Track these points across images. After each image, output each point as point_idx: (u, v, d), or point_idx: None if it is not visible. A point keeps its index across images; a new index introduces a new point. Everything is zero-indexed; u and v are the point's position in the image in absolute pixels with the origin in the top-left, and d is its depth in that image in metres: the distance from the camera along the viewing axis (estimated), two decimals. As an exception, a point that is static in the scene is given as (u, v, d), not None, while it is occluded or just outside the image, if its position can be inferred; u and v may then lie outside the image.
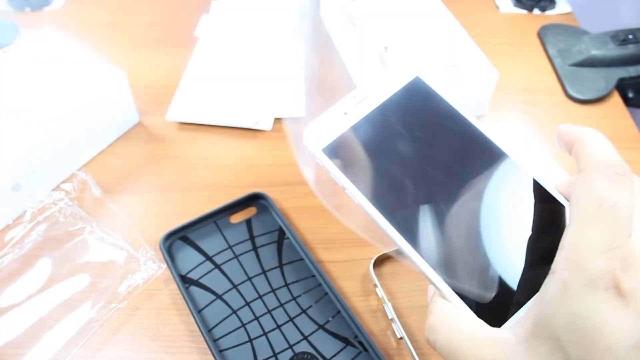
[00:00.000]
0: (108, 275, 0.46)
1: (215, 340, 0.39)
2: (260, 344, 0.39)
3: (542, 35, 0.72)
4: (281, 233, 0.46)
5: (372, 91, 0.30)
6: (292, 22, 0.71)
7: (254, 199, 0.49)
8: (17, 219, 0.50)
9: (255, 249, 0.45)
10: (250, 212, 0.48)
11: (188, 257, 0.44)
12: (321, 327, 0.40)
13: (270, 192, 0.54)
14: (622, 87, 0.65)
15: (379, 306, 0.45)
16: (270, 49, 0.67)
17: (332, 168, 0.28)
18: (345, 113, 0.29)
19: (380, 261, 0.48)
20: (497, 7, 0.78)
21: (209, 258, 0.44)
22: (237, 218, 0.48)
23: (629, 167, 0.23)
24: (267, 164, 0.57)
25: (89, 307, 0.44)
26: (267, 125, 0.59)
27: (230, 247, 0.45)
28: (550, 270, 0.21)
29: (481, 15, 0.77)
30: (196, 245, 0.45)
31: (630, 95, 0.65)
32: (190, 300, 0.41)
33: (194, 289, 0.42)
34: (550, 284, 0.21)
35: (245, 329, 0.40)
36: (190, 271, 0.43)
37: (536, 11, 0.77)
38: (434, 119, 0.29)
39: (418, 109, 0.29)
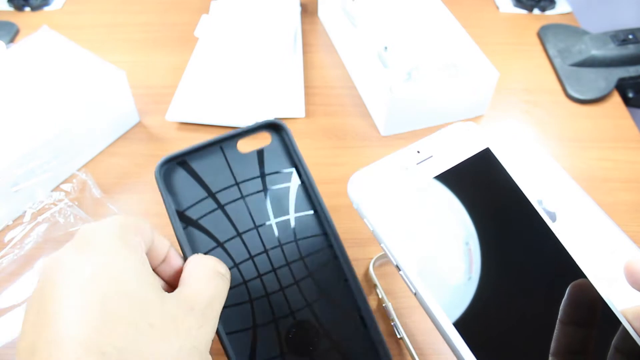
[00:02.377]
0: (108, 275, 0.46)
1: None
2: (261, 306, 0.34)
3: (542, 35, 0.72)
4: (295, 175, 0.39)
5: (438, 151, 0.27)
6: (292, 22, 0.71)
7: (269, 128, 0.40)
8: (17, 219, 0.50)
9: (265, 189, 0.38)
10: (263, 141, 0.40)
11: (188, 191, 0.36)
12: (326, 295, 0.36)
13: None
14: (622, 87, 0.65)
15: (379, 306, 0.45)
16: (270, 49, 0.67)
17: (380, 227, 0.25)
18: (407, 169, 0.26)
19: (380, 261, 0.48)
20: (497, 7, 0.78)
21: (211, 195, 0.36)
22: (246, 147, 0.39)
23: None
24: (267, 164, 0.57)
25: (89, 307, 0.44)
26: (267, 125, 0.59)
27: (237, 183, 0.37)
28: None
29: (481, 15, 0.77)
30: (198, 176, 0.37)
31: (630, 95, 0.65)
32: (189, 243, 0.33)
33: (191, 230, 0.35)
34: None
35: (247, 287, 0.34)
36: (188, 208, 0.35)
37: (536, 11, 0.77)
38: (499, 201, 0.27)
39: (484, 185, 0.27)
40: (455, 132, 0.28)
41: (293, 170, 0.38)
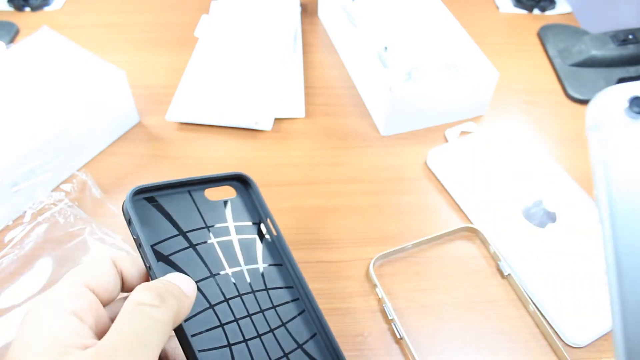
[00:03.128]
0: (108, 275, 0.46)
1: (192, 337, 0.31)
2: (240, 352, 0.32)
3: (542, 35, 0.72)
4: (263, 228, 0.38)
5: None
6: (292, 22, 0.71)
7: (234, 180, 0.39)
8: (17, 219, 0.50)
9: (235, 236, 0.37)
10: (228, 193, 0.39)
11: (158, 226, 0.34)
12: (300, 346, 0.35)
13: (270, 192, 0.54)
14: (622, 87, 0.65)
15: (379, 306, 0.45)
16: (270, 49, 0.67)
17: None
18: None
19: (380, 261, 0.48)
20: (497, 7, 0.78)
21: (182, 233, 0.35)
22: (213, 195, 0.38)
23: None
24: (267, 164, 0.57)
25: (89, 307, 0.44)
26: (267, 125, 0.59)
27: (207, 227, 0.36)
28: None
29: (481, 15, 0.77)
30: (168, 214, 0.35)
31: (630, 95, 0.65)
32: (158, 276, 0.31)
33: (162, 266, 0.32)
34: None
35: (224, 330, 0.33)
36: (159, 243, 0.33)
37: (536, 11, 0.77)
38: None
39: None
40: None
41: (258, 223, 0.38)
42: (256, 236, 0.37)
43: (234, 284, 0.34)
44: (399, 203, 0.53)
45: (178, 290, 0.25)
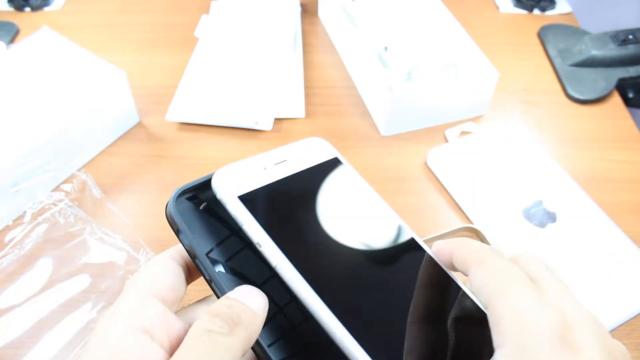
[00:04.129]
0: (108, 276, 0.46)
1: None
2: (319, 353, 0.28)
3: (542, 35, 0.72)
4: None
5: (291, 156, 0.30)
6: (292, 22, 0.71)
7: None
8: (17, 219, 0.50)
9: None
10: None
11: (207, 229, 0.29)
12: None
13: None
14: (622, 87, 0.65)
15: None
16: (270, 49, 0.67)
17: (247, 218, 0.25)
18: (265, 168, 0.28)
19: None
20: (497, 7, 0.78)
21: (234, 232, 0.30)
22: None
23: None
24: (267, 164, 0.57)
25: (89, 308, 0.44)
26: (267, 125, 0.59)
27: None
28: (496, 346, 0.20)
29: (481, 15, 0.77)
30: (215, 213, 0.30)
31: (630, 95, 0.65)
32: (222, 290, 0.26)
33: (223, 276, 0.28)
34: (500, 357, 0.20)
35: (299, 333, 0.28)
36: (212, 249, 0.29)
37: (536, 11, 0.77)
38: (347, 194, 0.29)
39: (335, 184, 0.30)
40: (308, 143, 0.31)
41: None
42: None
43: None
44: (399, 203, 0.53)
45: (247, 311, 0.23)
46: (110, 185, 0.54)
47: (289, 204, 0.28)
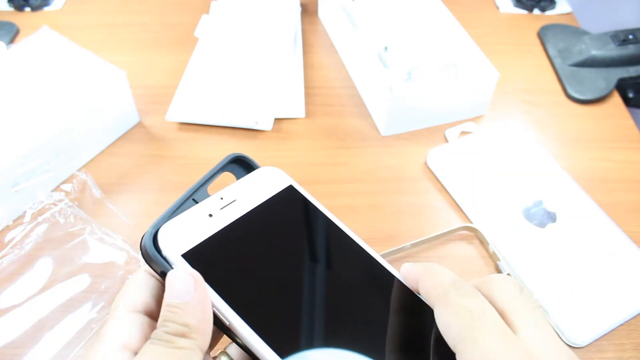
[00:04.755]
0: (108, 276, 0.46)
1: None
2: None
3: (542, 35, 0.72)
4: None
5: (241, 194, 0.27)
6: (292, 22, 0.71)
7: (231, 164, 0.33)
8: (17, 219, 0.50)
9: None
10: (229, 180, 0.32)
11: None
12: None
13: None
14: (622, 87, 0.65)
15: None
16: (270, 49, 0.67)
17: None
18: (211, 215, 0.26)
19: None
20: (497, 7, 0.78)
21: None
22: (216, 189, 0.31)
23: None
24: (267, 164, 0.56)
25: (89, 307, 0.44)
26: (267, 125, 0.59)
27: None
28: None
29: (481, 15, 0.77)
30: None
31: (630, 95, 0.65)
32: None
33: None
34: None
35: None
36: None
37: (536, 11, 0.77)
38: (303, 228, 0.28)
39: (290, 216, 0.28)
40: (259, 176, 0.29)
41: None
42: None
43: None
44: (399, 203, 0.53)
45: (188, 310, 0.22)
46: (110, 185, 0.54)
47: (238, 252, 0.26)
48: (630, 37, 0.65)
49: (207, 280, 0.24)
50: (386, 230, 0.51)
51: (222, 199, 0.27)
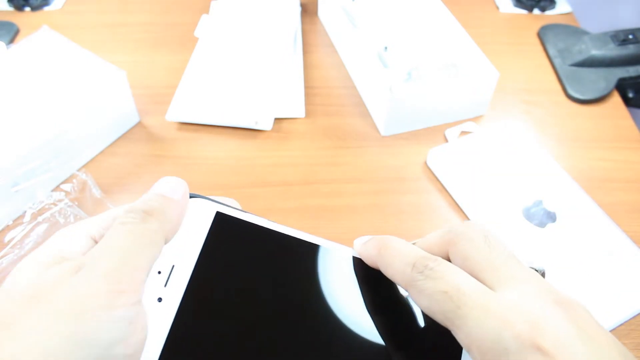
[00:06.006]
0: (108, 275, 0.46)
1: None
2: None
3: (542, 35, 0.72)
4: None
5: (175, 256, 0.23)
6: (292, 22, 0.71)
7: None
8: (17, 219, 0.50)
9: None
10: None
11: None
12: None
13: (270, 192, 0.54)
14: (622, 87, 0.65)
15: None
16: (270, 49, 0.67)
17: None
18: (160, 300, 0.22)
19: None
20: (497, 7, 0.78)
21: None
22: None
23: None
24: (267, 164, 0.57)
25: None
26: (267, 125, 0.59)
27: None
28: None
29: (481, 15, 0.77)
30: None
31: (630, 95, 0.65)
32: None
33: None
34: None
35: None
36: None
37: (536, 11, 0.77)
38: (254, 249, 0.25)
39: (236, 252, 0.25)
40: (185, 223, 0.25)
41: None
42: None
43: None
44: (399, 203, 0.53)
45: (161, 199, 0.23)
46: (110, 185, 0.54)
47: (208, 326, 0.23)
48: (630, 37, 0.65)
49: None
50: (386, 230, 0.51)
51: (159, 272, 0.23)
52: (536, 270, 0.23)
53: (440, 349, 0.24)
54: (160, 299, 0.22)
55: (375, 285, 0.26)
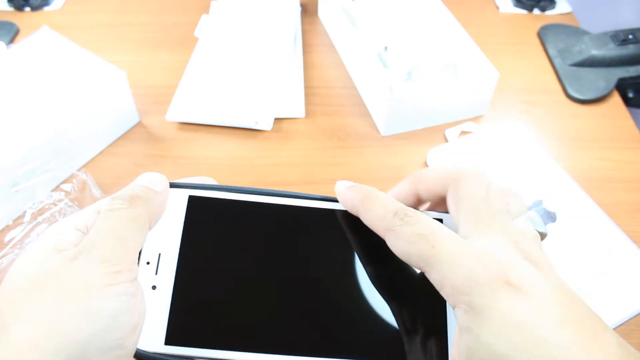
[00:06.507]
0: (108, 275, 0.46)
1: None
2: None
3: (542, 35, 0.72)
4: None
5: (159, 243, 0.25)
6: (292, 22, 0.71)
7: None
8: (17, 219, 0.50)
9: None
10: None
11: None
12: None
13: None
14: (622, 87, 0.65)
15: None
16: (270, 49, 0.67)
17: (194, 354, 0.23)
18: (154, 287, 0.24)
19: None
20: (497, 7, 0.78)
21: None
22: None
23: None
24: (267, 164, 0.57)
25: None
26: (267, 125, 0.59)
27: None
28: (454, 306, 0.21)
29: (481, 15, 0.77)
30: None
31: (630, 95, 0.65)
32: None
33: None
34: (462, 316, 0.21)
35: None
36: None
37: (536, 11, 0.77)
38: (237, 226, 0.26)
39: (218, 228, 0.26)
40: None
41: None
42: None
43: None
44: (399, 203, 0.53)
45: (146, 190, 0.25)
46: (110, 185, 0.54)
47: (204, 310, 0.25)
48: (630, 37, 0.65)
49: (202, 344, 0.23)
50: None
51: (148, 263, 0.24)
52: (540, 233, 0.24)
53: (430, 296, 0.24)
54: (154, 287, 0.24)
55: (358, 237, 0.26)
